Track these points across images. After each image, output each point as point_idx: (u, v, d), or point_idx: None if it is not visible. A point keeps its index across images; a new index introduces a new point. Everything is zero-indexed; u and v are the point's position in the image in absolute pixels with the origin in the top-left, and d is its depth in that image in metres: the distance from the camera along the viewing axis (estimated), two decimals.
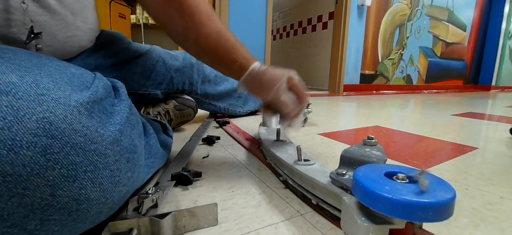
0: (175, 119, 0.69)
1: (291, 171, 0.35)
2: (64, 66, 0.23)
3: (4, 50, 0.19)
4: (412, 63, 3.09)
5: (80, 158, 0.18)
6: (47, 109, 0.17)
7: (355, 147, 0.31)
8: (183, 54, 0.73)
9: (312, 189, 0.31)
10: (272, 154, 0.41)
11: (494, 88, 4.00)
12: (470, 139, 0.71)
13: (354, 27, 2.46)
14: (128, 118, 0.26)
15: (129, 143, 0.24)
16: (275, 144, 0.45)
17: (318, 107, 1.33)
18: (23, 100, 0.17)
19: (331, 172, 0.28)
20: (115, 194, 0.22)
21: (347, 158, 0.29)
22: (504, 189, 0.39)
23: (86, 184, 0.19)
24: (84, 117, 0.19)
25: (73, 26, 0.42)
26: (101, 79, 0.26)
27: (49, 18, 0.36)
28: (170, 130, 0.53)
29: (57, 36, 0.39)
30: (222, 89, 0.83)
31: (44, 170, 0.17)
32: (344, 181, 0.26)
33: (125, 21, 2.67)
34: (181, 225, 0.26)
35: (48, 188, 0.17)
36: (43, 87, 0.18)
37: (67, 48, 0.42)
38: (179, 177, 0.36)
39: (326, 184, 0.28)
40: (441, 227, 0.28)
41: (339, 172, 0.27)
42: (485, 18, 3.83)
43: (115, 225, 0.23)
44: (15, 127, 0.16)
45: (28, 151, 0.16)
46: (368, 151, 0.30)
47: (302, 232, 0.27)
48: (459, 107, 1.55)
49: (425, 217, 0.18)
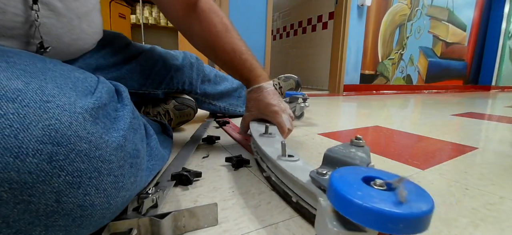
0: (175, 119, 0.69)
1: (273, 166, 0.34)
2: (68, 70, 0.23)
3: (8, 54, 0.19)
4: (412, 63, 3.09)
5: (85, 165, 0.19)
6: (52, 116, 0.17)
7: (340, 147, 0.30)
8: (182, 54, 0.73)
9: (292, 186, 0.30)
10: (258, 147, 0.40)
11: (494, 88, 4.00)
12: (470, 139, 0.71)
13: (354, 27, 2.46)
14: (131, 123, 0.26)
15: (132, 148, 0.25)
16: (263, 138, 0.43)
17: (318, 107, 1.33)
18: (29, 108, 0.17)
19: (311, 171, 0.27)
20: (118, 199, 0.22)
21: (330, 158, 0.28)
22: (504, 189, 0.39)
23: (90, 190, 0.19)
24: (88, 123, 0.20)
25: (79, 29, 0.42)
26: (105, 83, 0.26)
27: (55, 21, 0.36)
28: (170, 130, 0.53)
29: (63, 38, 0.39)
30: (222, 88, 0.83)
31: (50, 177, 0.17)
32: (322, 181, 0.24)
33: (125, 21, 2.67)
34: (181, 225, 0.26)
35: (53, 195, 0.17)
36: (48, 93, 0.18)
37: (72, 50, 0.43)
38: (179, 177, 0.36)
39: (305, 182, 0.27)
40: (442, 227, 0.28)
41: (319, 171, 0.26)
42: (485, 18, 3.83)
43: (115, 225, 0.23)
44: (22, 134, 0.16)
45: (34, 159, 0.16)
46: (353, 152, 0.28)
47: (302, 232, 0.27)
48: (459, 107, 1.55)
49: (395, 229, 0.16)
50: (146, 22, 3.10)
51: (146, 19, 3.10)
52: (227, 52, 0.51)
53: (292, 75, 1.10)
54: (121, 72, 0.58)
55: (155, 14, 3.19)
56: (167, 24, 3.24)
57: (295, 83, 1.08)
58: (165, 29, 3.33)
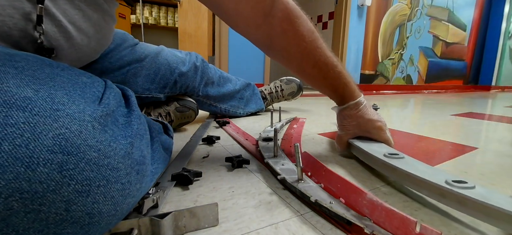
0: (176, 120, 0.69)
1: (441, 193, 0.30)
2: (76, 75, 0.23)
3: (16, 58, 0.19)
4: (412, 63, 3.09)
5: (94, 174, 0.19)
6: (62, 125, 0.17)
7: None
8: (188, 57, 0.72)
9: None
10: (402, 171, 0.35)
11: (494, 88, 4.00)
12: (470, 139, 0.71)
13: (354, 27, 2.46)
14: (138, 129, 0.26)
15: (139, 155, 0.25)
16: (396, 160, 0.39)
17: (318, 107, 1.33)
18: (40, 116, 0.17)
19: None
20: (124, 206, 0.22)
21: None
22: (504, 189, 0.39)
23: (99, 198, 0.19)
24: (97, 131, 0.20)
25: (87, 47, 0.38)
26: (112, 88, 0.26)
27: (63, 42, 0.34)
28: (171, 130, 0.53)
29: (69, 57, 0.36)
30: (224, 90, 0.83)
31: (60, 186, 0.17)
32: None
33: (125, 21, 2.67)
34: (182, 225, 0.26)
35: (63, 204, 0.17)
36: (58, 101, 0.18)
37: (77, 64, 0.40)
38: (179, 177, 0.36)
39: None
40: (442, 227, 0.28)
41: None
42: (485, 18, 3.83)
43: (115, 225, 0.23)
44: (32, 144, 0.16)
45: (45, 168, 0.16)
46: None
47: (302, 232, 0.27)
48: (459, 107, 1.55)
49: None
50: (146, 22, 3.10)
51: (146, 19, 3.10)
52: (319, 67, 0.43)
53: (294, 78, 1.09)
54: (126, 76, 0.58)
55: (155, 14, 3.19)
56: (167, 24, 3.24)
57: (297, 86, 1.08)
58: (165, 29, 3.33)
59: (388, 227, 0.24)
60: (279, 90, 1.07)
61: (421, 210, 0.32)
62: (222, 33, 1.85)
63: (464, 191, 0.28)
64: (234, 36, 1.90)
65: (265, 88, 1.07)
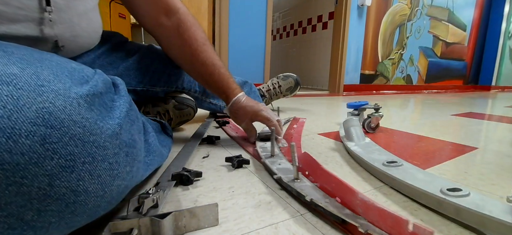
0: (175, 119, 0.69)
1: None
2: (65, 61, 0.23)
3: (7, 45, 0.19)
4: (412, 63, 3.09)
5: (79, 149, 0.19)
6: (46, 99, 0.17)
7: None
8: None
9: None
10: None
11: (494, 88, 4.00)
12: (470, 139, 0.71)
13: (354, 27, 2.46)
14: (128, 114, 0.26)
15: (128, 138, 0.25)
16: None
17: (318, 107, 1.33)
18: (23, 90, 0.17)
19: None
20: (113, 187, 0.22)
21: None
22: (504, 189, 0.39)
23: (84, 175, 0.19)
24: (83, 109, 0.20)
25: (78, 27, 0.43)
26: (101, 74, 0.26)
27: (56, 17, 0.38)
28: (169, 129, 0.53)
29: (64, 35, 0.40)
30: None
31: (43, 159, 0.17)
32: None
33: (125, 21, 2.66)
34: (182, 225, 0.26)
35: (45, 178, 0.17)
36: (43, 78, 0.18)
37: (72, 47, 0.43)
38: (180, 177, 0.36)
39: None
40: (442, 227, 0.28)
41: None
42: (485, 18, 3.84)
43: (116, 225, 0.23)
44: (15, 115, 0.16)
45: (26, 140, 0.16)
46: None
47: (302, 232, 0.27)
48: (459, 107, 1.55)
49: None
50: None
51: None
52: (207, 65, 0.54)
53: (291, 74, 1.09)
54: (118, 70, 0.58)
55: None
56: None
57: (294, 81, 1.08)
58: None
59: (382, 226, 0.24)
60: (277, 87, 1.07)
61: (421, 210, 0.32)
62: (222, 33, 1.85)
63: (457, 200, 0.29)
64: (234, 36, 1.90)
65: (263, 86, 1.07)
